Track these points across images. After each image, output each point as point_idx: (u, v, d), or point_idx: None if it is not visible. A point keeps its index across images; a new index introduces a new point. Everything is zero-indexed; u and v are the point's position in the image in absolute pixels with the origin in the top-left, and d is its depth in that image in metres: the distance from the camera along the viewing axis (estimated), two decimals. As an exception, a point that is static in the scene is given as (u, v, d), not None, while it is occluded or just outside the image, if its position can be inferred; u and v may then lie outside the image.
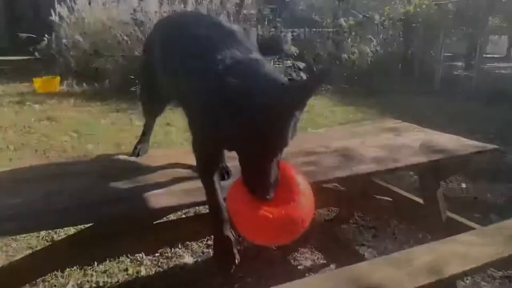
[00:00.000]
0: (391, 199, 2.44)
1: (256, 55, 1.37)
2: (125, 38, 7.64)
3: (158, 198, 1.50)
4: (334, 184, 2.76)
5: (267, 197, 1.19)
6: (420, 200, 2.31)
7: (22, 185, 1.53)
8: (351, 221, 2.88)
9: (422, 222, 2.32)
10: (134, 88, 7.09)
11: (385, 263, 1.63)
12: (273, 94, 1.14)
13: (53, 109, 6.38)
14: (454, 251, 1.69)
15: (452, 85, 8.87)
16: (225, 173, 1.73)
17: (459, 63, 12.73)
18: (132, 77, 7.26)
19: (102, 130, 5.24)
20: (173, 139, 4.81)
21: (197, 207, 2.88)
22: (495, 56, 21.48)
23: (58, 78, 7.91)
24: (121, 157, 1.97)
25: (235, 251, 1.41)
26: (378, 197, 2.48)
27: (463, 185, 3.60)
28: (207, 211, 1.51)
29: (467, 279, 2.25)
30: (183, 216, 2.59)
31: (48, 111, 6.25)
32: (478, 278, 2.26)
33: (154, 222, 1.84)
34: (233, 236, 1.43)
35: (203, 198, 1.44)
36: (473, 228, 2.02)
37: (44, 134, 4.93)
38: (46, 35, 9.02)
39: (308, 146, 2.08)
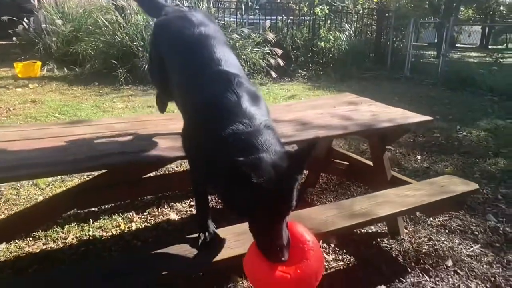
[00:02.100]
0: (347, 163, 2.84)
1: (255, 119, 1.39)
2: (106, 23, 7.77)
3: (150, 152, 1.82)
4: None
5: (282, 259, 1.24)
6: (370, 163, 2.71)
7: (34, 142, 1.84)
8: (316, 186, 3.28)
9: (372, 181, 2.72)
10: (116, 73, 7.31)
11: (331, 207, 2.04)
12: (279, 165, 1.23)
13: (36, 93, 6.53)
14: (388, 199, 2.11)
15: (421, 72, 9.38)
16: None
17: (432, 52, 13.33)
18: (114, 62, 7.47)
19: (86, 112, 5.46)
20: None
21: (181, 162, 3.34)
22: (468, 46, 22.35)
23: (39, 62, 8.00)
24: (113, 120, 2.28)
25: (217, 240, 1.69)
26: (337, 161, 2.87)
27: (419, 157, 4.04)
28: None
29: (410, 227, 2.68)
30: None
31: (31, 94, 6.41)
32: (419, 227, 2.69)
33: (143, 176, 2.17)
34: (214, 227, 1.76)
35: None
36: (411, 183, 2.44)
37: (30, 115, 5.13)
38: (25, 19, 9.04)
39: (273, 116, 2.42)
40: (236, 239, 1.73)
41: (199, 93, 1.56)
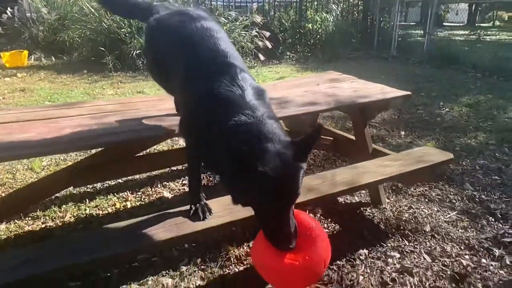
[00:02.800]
0: (332, 138, 2.96)
1: (258, 111, 1.42)
2: (92, 10, 7.72)
3: (142, 132, 1.93)
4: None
5: (290, 247, 1.26)
6: (353, 137, 2.84)
7: (30, 124, 1.93)
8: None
9: (354, 154, 2.85)
10: (104, 60, 7.32)
11: (315, 178, 2.17)
12: (284, 154, 1.25)
13: (24, 82, 6.54)
14: (368, 169, 2.25)
15: (408, 51, 9.49)
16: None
17: (419, 31, 13.42)
18: (102, 49, 7.46)
19: (76, 99, 5.50)
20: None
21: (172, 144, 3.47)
22: (456, 24, 22.45)
23: (26, 52, 7.96)
24: (104, 102, 2.37)
25: (207, 209, 1.80)
26: (323, 137, 2.99)
27: (402, 133, 4.19)
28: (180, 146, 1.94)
29: (392, 197, 2.83)
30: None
31: (20, 83, 6.42)
32: (400, 197, 2.84)
33: (134, 155, 2.27)
34: (205, 198, 1.85)
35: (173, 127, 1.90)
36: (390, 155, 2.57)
37: (20, 104, 5.17)
38: (9, 8, 8.95)
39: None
40: (224, 208, 1.86)
41: (204, 84, 1.56)
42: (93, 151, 2.30)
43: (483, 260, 2.20)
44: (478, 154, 3.62)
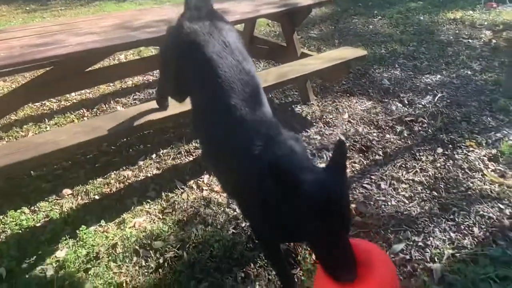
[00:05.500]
0: (267, 47, 3.29)
1: (287, 137, 1.46)
2: None
3: (87, 45, 2.15)
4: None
5: (352, 277, 1.17)
6: (284, 44, 3.18)
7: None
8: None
9: (286, 59, 3.21)
10: (39, -13, 6.96)
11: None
12: (329, 181, 1.22)
13: (-44, 16, 6.22)
14: (293, 68, 2.62)
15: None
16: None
17: None
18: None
19: (17, 30, 5.38)
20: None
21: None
22: None
23: (-50, -17, 7.37)
24: (48, 24, 2.53)
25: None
26: (259, 46, 3.31)
27: (336, 41, 4.55)
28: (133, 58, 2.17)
29: (319, 95, 3.27)
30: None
31: (-49, 17, 6.10)
32: (326, 94, 3.29)
33: (85, 70, 2.52)
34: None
35: (127, 40, 2.16)
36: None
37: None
38: None
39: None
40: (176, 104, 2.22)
41: (246, 150, 1.46)
42: (43, 71, 2.51)
43: (387, 135, 2.74)
44: (399, 55, 4.08)
